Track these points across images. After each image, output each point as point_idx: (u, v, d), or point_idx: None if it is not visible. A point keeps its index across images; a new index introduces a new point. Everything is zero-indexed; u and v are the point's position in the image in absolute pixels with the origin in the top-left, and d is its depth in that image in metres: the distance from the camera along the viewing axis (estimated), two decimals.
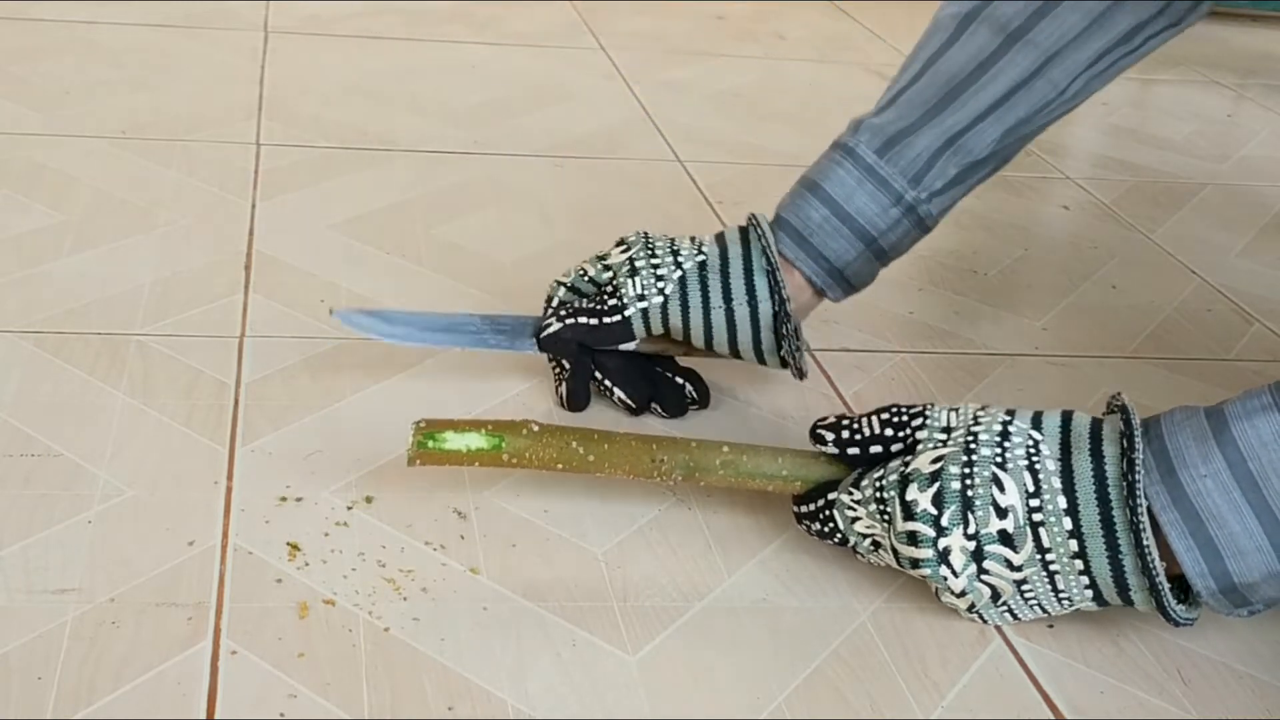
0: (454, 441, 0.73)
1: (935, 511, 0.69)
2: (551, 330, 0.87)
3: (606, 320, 0.86)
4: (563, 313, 0.87)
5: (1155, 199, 1.42)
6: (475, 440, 0.73)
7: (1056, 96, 0.86)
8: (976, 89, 0.85)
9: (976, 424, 0.71)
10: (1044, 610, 0.71)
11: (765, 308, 0.86)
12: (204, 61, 1.50)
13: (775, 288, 0.85)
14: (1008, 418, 0.71)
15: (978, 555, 0.69)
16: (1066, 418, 0.71)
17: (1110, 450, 0.68)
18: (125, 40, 1.54)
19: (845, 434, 0.74)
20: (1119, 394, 0.71)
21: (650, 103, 1.53)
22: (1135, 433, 0.67)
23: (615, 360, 0.88)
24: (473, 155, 1.33)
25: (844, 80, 1.71)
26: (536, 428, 0.74)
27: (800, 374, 0.89)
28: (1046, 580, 0.69)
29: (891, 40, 1.90)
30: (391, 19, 1.73)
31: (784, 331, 0.86)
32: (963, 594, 0.71)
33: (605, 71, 1.63)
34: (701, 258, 0.87)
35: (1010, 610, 0.72)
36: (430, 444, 0.72)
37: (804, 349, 0.88)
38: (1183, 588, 0.69)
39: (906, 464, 0.71)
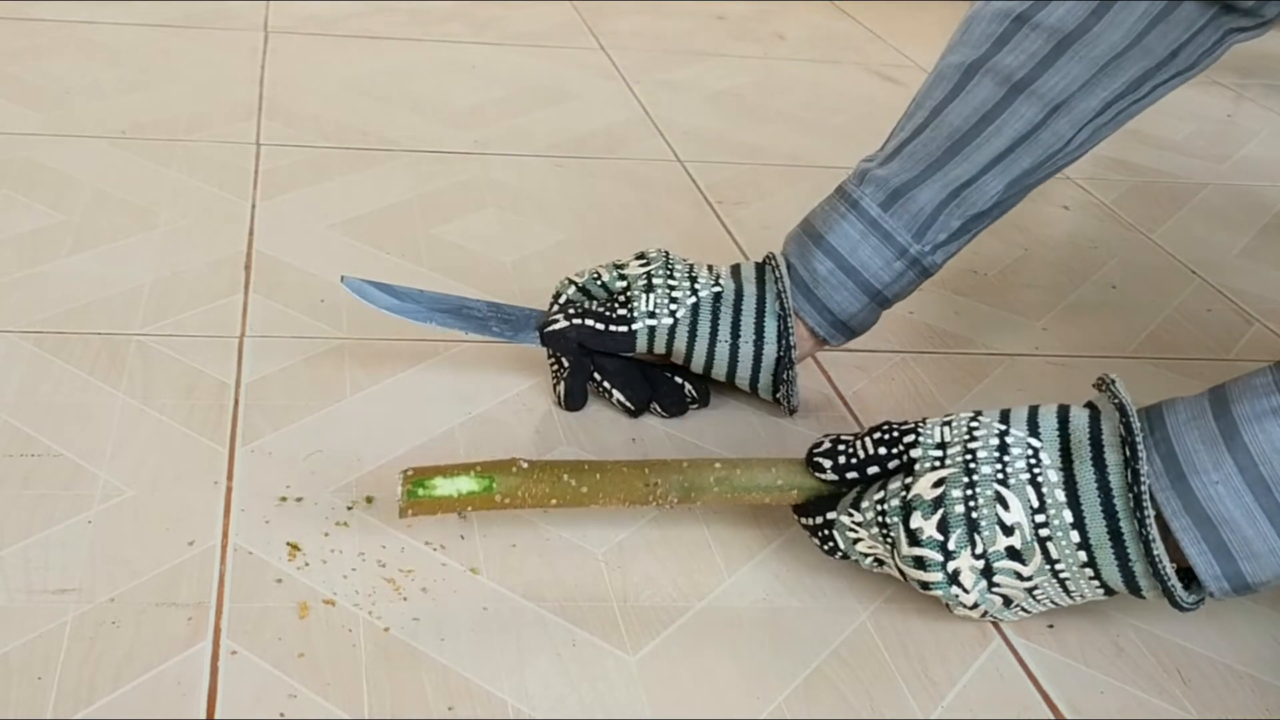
0: (444, 487, 0.71)
1: (941, 537, 0.69)
2: (556, 327, 0.87)
3: (612, 328, 0.86)
4: (570, 311, 0.87)
5: (1155, 199, 1.42)
6: (466, 484, 0.71)
7: (1062, 147, 0.85)
8: (980, 142, 0.85)
9: (972, 439, 0.70)
10: (1055, 604, 0.71)
11: (770, 350, 0.87)
12: (204, 61, 1.50)
13: (784, 333, 0.86)
14: (1003, 426, 0.70)
15: (987, 572, 0.69)
16: (1064, 418, 0.70)
17: (1113, 458, 0.67)
18: (125, 40, 1.54)
19: (841, 459, 0.74)
20: (1114, 381, 0.70)
21: (650, 103, 1.53)
22: (1137, 438, 0.67)
23: (614, 362, 0.88)
24: (473, 155, 1.33)
25: (844, 80, 1.71)
26: (525, 464, 0.73)
27: (792, 411, 0.91)
28: (1057, 585, 0.69)
29: (891, 40, 1.90)
30: (391, 19, 1.73)
31: (784, 377, 0.87)
32: (975, 606, 0.71)
33: (605, 71, 1.63)
34: (718, 289, 0.87)
35: (1022, 608, 0.72)
36: (420, 492, 0.71)
37: (798, 389, 0.90)
38: (1189, 573, 0.69)
39: (907, 488, 0.70)
